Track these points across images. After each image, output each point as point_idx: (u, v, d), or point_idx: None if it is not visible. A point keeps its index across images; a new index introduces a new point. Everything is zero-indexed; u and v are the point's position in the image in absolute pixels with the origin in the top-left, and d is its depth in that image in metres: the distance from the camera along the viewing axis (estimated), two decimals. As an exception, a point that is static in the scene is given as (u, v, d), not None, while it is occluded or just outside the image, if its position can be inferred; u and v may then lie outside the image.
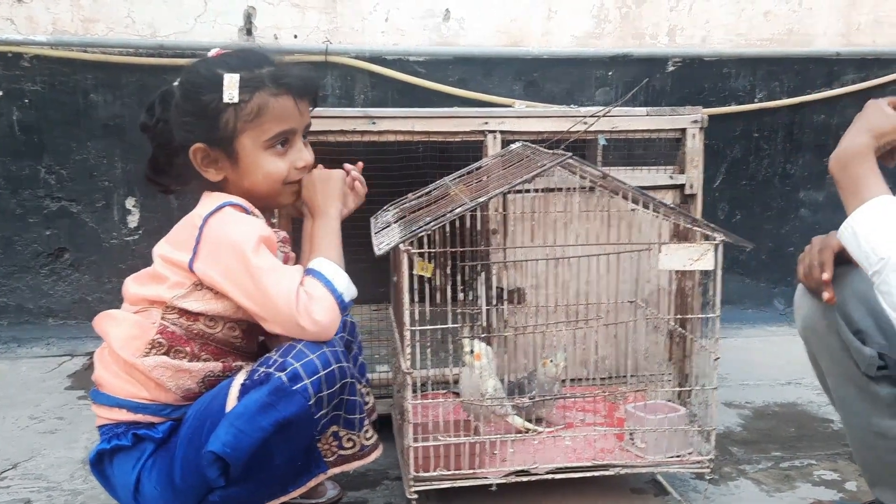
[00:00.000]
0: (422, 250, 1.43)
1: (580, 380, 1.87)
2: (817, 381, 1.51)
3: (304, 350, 1.22)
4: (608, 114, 1.86)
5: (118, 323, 1.32)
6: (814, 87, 3.00)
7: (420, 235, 1.42)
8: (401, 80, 2.71)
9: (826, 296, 1.26)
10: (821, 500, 1.57)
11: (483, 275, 1.55)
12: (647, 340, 1.86)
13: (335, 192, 1.40)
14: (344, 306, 1.29)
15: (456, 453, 1.50)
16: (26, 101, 2.63)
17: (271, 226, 1.42)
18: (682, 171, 1.95)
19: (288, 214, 1.56)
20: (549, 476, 1.53)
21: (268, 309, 1.23)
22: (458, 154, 1.99)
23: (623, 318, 1.79)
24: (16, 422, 2.09)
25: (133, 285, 1.34)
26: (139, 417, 1.30)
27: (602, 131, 1.92)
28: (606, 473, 1.55)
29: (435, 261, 1.50)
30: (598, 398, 1.78)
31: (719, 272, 1.48)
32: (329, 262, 1.31)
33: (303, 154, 1.38)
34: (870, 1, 2.98)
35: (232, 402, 1.22)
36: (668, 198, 1.94)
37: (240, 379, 1.25)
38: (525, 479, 1.53)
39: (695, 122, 1.92)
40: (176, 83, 1.36)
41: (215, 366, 1.32)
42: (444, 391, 1.78)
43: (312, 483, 1.32)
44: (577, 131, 1.83)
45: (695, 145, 1.93)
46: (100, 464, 1.34)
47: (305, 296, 1.24)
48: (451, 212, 1.45)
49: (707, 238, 1.49)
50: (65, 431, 2.03)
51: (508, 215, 1.84)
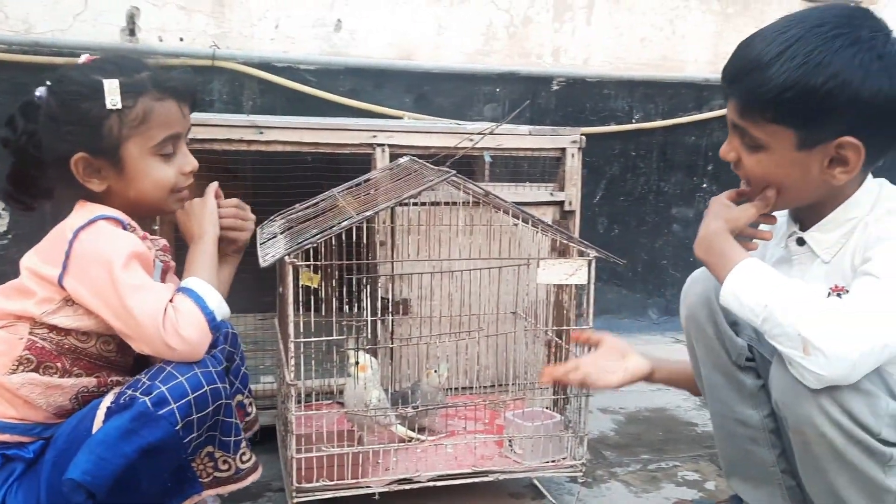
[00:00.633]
0: (308, 262, 1.44)
1: (464, 389, 1.93)
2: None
3: (174, 372, 1.19)
4: (493, 132, 1.93)
5: None
6: (685, 111, 3.20)
7: (306, 248, 1.43)
8: (291, 88, 2.70)
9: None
10: (683, 499, 1.68)
11: (368, 286, 1.58)
12: (527, 350, 1.94)
13: (209, 217, 1.40)
14: (215, 325, 1.26)
15: (339, 463, 1.52)
16: None
17: (152, 233, 1.39)
18: (562, 189, 2.04)
19: (170, 221, 1.54)
20: (432, 483, 1.57)
21: (133, 327, 1.20)
22: (349, 165, 2.01)
23: (505, 329, 1.86)
24: None
25: None
26: (6, 437, 1.24)
27: (487, 148, 1.99)
28: (486, 479, 1.60)
29: (322, 272, 1.51)
30: (481, 407, 1.84)
31: (592, 286, 1.57)
32: (200, 281, 1.30)
33: (189, 159, 1.36)
34: (735, 33, 3.21)
35: (98, 425, 1.19)
36: (549, 213, 2.03)
37: (107, 401, 1.21)
38: (408, 486, 1.56)
39: (573, 142, 2.02)
40: (40, 93, 1.30)
41: (89, 381, 1.28)
42: (329, 402, 1.79)
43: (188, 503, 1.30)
44: (464, 148, 1.89)
45: (573, 164, 2.03)
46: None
47: (173, 313, 1.21)
48: (337, 224, 1.47)
49: (581, 254, 1.58)
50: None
51: (396, 228, 1.88)
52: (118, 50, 1.36)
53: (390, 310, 1.87)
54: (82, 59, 1.33)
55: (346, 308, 1.62)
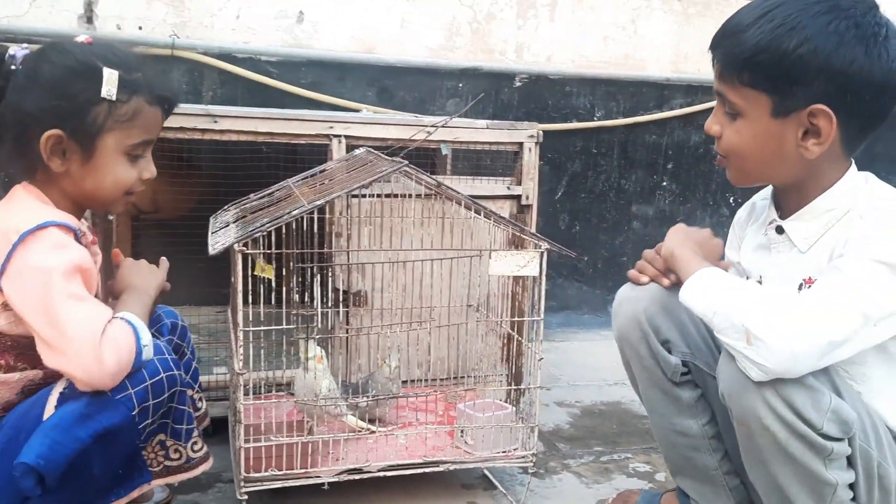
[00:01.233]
0: (257, 251, 1.43)
1: (419, 381, 1.93)
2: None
3: None
4: (450, 124, 1.94)
5: None
6: (647, 109, 3.24)
7: (257, 236, 1.43)
8: (251, 79, 2.68)
9: (666, 282, 1.41)
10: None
11: (320, 277, 1.57)
12: (482, 342, 1.95)
13: (156, 283, 1.39)
14: (138, 362, 1.21)
15: (288, 453, 1.52)
16: None
17: (83, 222, 1.36)
18: (519, 183, 2.05)
19: (127, 214, 1.51)
20: (382, 474, 1.58)
21: (61, 339, 1.15)
22: (307, 157, 2.00)
23: (459, 321, 1.87)
24: None
25: None
26: None
27: (445, 141, 1.99)
28: (437, 470, 1.61)
29: (279, 262, 1.51)
30: (437, 398, 1.85)
31: (543, 278, 1.58)
32: (136, 317, 1.25)
33: (150, 167, 1.35)
34: (695, 33, 3.26)
35: (50, 411, 1.17)
36: (507, 207, 2.05)
37: (59, 387, 1.20)
38: (358, 477, 1.56)
39: (531, 136, 2.03)
40: (15, 52, 1.25)
41: (35, 374, 1.26)
42: (282, 393, 1.79)
43: (136, 493, 1.29)
44: (420, 139, 1.89)
45: (531, 159, 2.04)
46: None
47: (112, 332, 1.18)
48: (288, 213, 1.46)
49: (535, 246, 1.59)
50: None
51: (352, 219, 1.88)
52: (116, 40, 1.34)
53: (341, 300, 1.87)
54: (82, 37, 1.30)
55: (300, 299, 1.62)
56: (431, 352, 1.87)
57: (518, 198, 2.05)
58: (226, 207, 1.78)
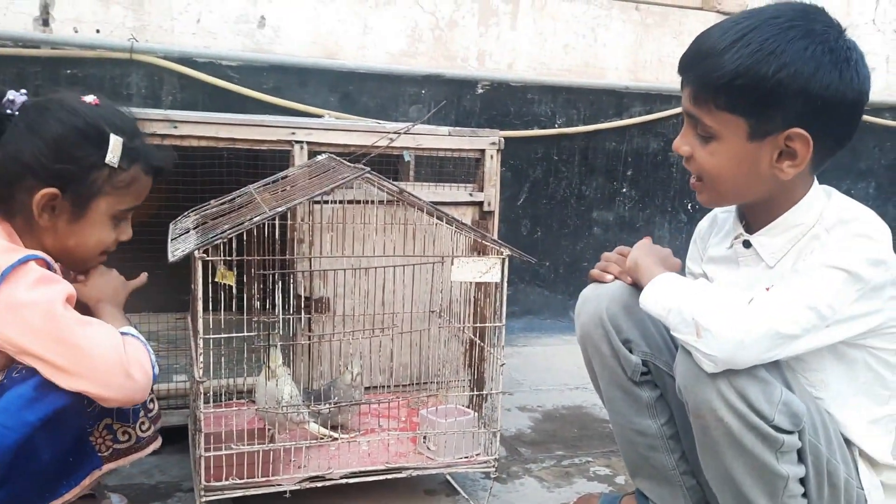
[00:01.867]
0: (218, 258, 1.42)
1: (382, 387, 1.93)
2: (598, 384, 1.67)
3: None
4: (413, 131, 1.94)
5: None
6: (606, 117, 3.29)
7: (217, 243, 1.42)
8: (212, 83, 2.66)
9: (629, 279, 1.45)
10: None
11: (281, 283, 1.57)
12: (445, 348, 1.95)
13: (123, 294, 1.41)
14: (154, 375, 1.27)
15: (250, 462, 1.51)
16: None
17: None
18: (481, 189, 2.07)
19: None
20: (345, 481, 1.57)
21: (79, 361, 1.17)
22: (269, 162, 1.99)
23: (422, 327, 1.87)
24: None
25: None
26: None
27: (408, 148, 2.00)
28: (400, 476, 1.61)
29: (240, 268, 1.50)
30: (400, 404, 1.85)
31: (505, 284, 1.60)
32: (138, 333, 1.30)
33: (128, 229, 1.39)
34: (653, 42, 3.32)
35: None
36: (469, 214, 2.06)
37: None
38: (320, 484, 1.56)
39: (493, 143, 2.05)
40: (18, 97, 1.25)
41: None
42: (243, 400, 1.77)
43: (88, 481, 1.29)
44: (382, 146, 1.90)
45: (493, 166, 2.06)
46: None
47: (130, 348, 1.22)
48: (250, 220, 1.45)
49: (497, 253, 1.60)
50: None
51: (314, 225, 1.87)
52: (118, 106, 1.36)
53: (303, 306, 1.86)
54: (90, 98, 1.31)
55: (262, 305, 1.61)
56: (394, 358, 1.87)
57: (480, 204, 2.06)
58: (186, 213, 1.76)
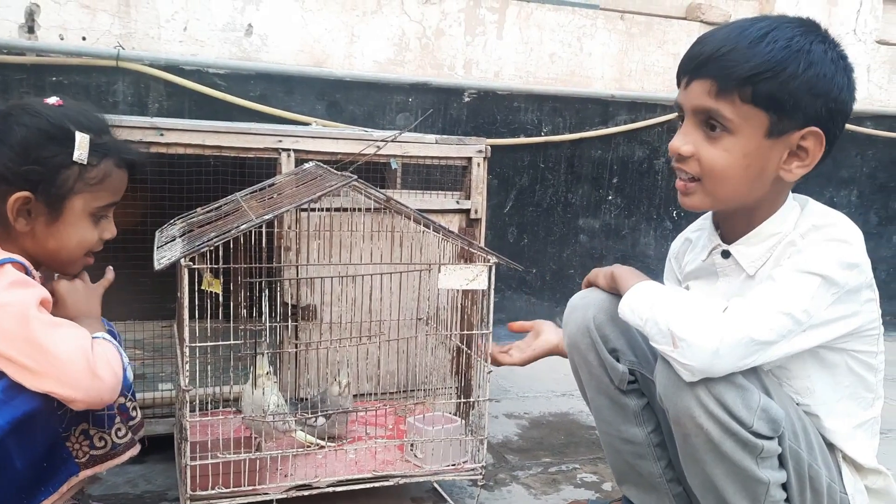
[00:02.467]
0: (204, 266, 1.42)
1: (369, 394, 1.93)
2: (585, 392, 1.68)
3: None
4: (400, 139, 1.95)
5: None
6: (592, 125, 3.31)
7: (204, 251, 1.42)
8: (199, 91, 2.66)
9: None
10: (578, 500, 1.73)
11: (268, 291, 1.56)
12: (432, 355, 1.96)
13: (98, 300, 1.39)
14: (126, 379, 1.27)
15: (236, 470, 1.50)
16: None
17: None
18: (468, 197, 2.08)
19: None
20: (332, 489, 1.57)
21: (48, 362, 1.15)
22: (256, 170, 1.99)
23: (409, 335, 1.88)
24: None
25: None
26: None
27: (395, 155, 2.01)
28: (387, 484, 1.61)
29: (227, 277, 1.50)
30: (387, 412, 1.85)
31: (492, 291, 1.60)
32: (112, 338, 1.29)
33: (111, 227, 1.37)
34: (638, 52, 3.35)
35: None
36: (455, 221, 2.06)
37: None
38: (307, 493, 1.55)
39: (479, 151, 2.06)
40: None
41: None
42: (229, 409, 1.77)
43: (65, 488, 1.27)
44: (369, 154, 1.90)
45: (479, 173, 2.07)
46: None
47: (100, 348, 1.22)
48: (236, 227, 1.45)
49: (483, 260, 1.61)
50: None
51: (301, 233, 1.87)
52: (84, 104, 1.36)
53: (289, 314, 1.86)
54: (52, 100, 1.30)
55: (248, 313, 1.61)
56: (381, 365, 1.87)
57: (467, 212, 2.07)
58: (172, 221, 1.75)
